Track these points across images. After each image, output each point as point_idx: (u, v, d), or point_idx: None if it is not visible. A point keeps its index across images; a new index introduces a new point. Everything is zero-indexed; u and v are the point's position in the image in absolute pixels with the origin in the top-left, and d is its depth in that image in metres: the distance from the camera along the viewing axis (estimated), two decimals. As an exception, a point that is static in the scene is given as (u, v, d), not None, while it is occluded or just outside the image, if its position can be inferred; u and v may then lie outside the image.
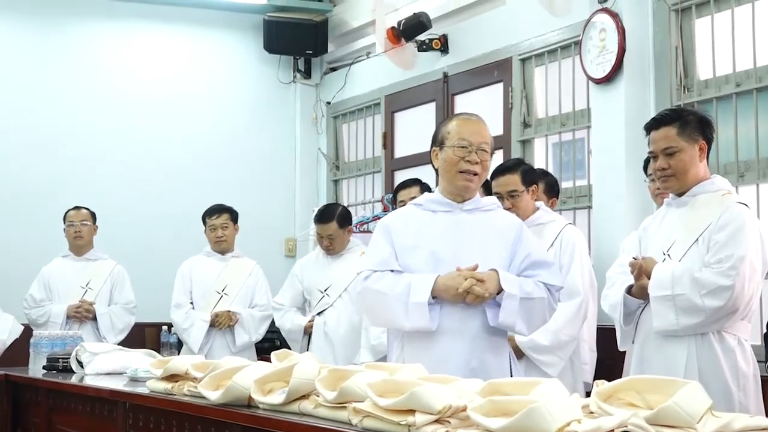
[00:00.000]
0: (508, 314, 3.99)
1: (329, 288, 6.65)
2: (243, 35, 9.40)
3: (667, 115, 4.41)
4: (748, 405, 4.17)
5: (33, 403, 5.58)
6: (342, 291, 6.58)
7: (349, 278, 6.46)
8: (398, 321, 4.02)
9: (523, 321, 4.04)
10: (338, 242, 6.65)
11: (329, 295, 6.64)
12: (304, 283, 6.81)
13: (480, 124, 4.14)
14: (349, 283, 6.40)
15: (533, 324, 4.13)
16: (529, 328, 4.12)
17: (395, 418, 2.76)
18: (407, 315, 3.97)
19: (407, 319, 3.98)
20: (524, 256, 4.14)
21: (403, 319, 3.98)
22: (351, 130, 9.35)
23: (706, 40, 5.97)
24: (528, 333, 4.19)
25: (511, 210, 5.27)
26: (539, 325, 4.22)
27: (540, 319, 4.17)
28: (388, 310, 4.02)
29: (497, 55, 7.38)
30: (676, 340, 4.28)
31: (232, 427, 3.55)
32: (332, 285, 6.64)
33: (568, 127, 6.83)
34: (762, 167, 5.61)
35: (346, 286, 6.49)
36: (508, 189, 5.43)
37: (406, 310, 3.97)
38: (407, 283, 4.00)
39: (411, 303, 3.96)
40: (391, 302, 4.00)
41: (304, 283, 6.82)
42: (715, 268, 4.18)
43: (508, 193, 5.42)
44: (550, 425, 2.31)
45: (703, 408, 2.42)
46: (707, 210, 4.28)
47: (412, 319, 3.97)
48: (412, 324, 3.98)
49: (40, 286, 7.48)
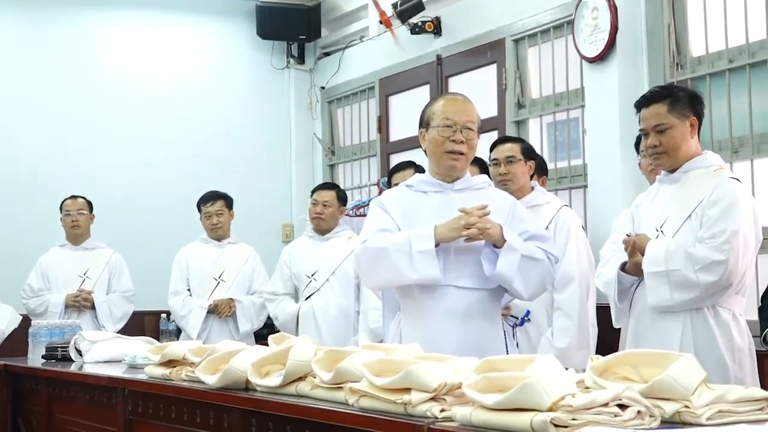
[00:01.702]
0: (507, 265, 3.93)
1: (316, 273, 6.71)
2: (236, 22, 9.38)
3: (657, 92, 4.42)
4: (743, 379, 4.18)
5: (33, 393, 5.59)
6: (329, 275, 6.63)
7: (335, 262, 6.54)
8: (403, 273, 3.92)
9: (521, 280, 3.98)
10: (330, 214, 6.75)
11: (316, 279, 6.70)
12: (293, 269, 6.86)
13: (465, 103, 4.12)
14: (336, 267, 6.47)
15: (531, 286, 4.05)
16: (526, 290, 4.04)
17: (391, 397, 2.77)
18: (413, 265, 3.89)
19: (414, 270, 3.89)
20: (522, 231, 4.12)
21: (409, 270, 3.90)
22: (346, 114, 9.34)
23: (698, 17, 5.97)
24: (525, 295, 4.08)
25: (506, 176, 5.32)
26: (537, 289, 4.13)
27: (539, 283, 4.10)
28: (391, 263, 3.93)
29: (490, 37, 7.37)
30: (671, 315, 4.29)
31: (231, 410, 3.57)
32: (319, 270, 6.69)
33: (562, 106, 6.83)
34: (756, 143, 5.62)
35: (333, 270, 6.55)
36: (507, 155, 5.44)
37: (410, 260, 3.89)
38: (407, 236, 3.95)
39: (415, 252, 3.89)
40: (393, 255, 3.92)
41: (292, 268, 6.87)
42: (709, 243, 4.19)
43: (506, 158, 5.44)
44: (544, 400, 2.32)
45: (698, 380, 2.43)
46: (699, 186, 4.29)
47: (419, 269, 3.89)
48: (419, 274, 3.90)
49: (38, 276, 7.48)
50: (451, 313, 3.98)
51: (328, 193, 6.78)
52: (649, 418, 2.36)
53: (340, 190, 6.93)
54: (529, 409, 2.34)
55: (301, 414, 3.15)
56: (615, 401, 2.36)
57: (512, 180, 5.38)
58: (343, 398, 2.99)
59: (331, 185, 6.98)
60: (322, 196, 6.77)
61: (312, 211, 6.84)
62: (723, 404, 2.44)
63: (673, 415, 2.39)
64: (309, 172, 9.54)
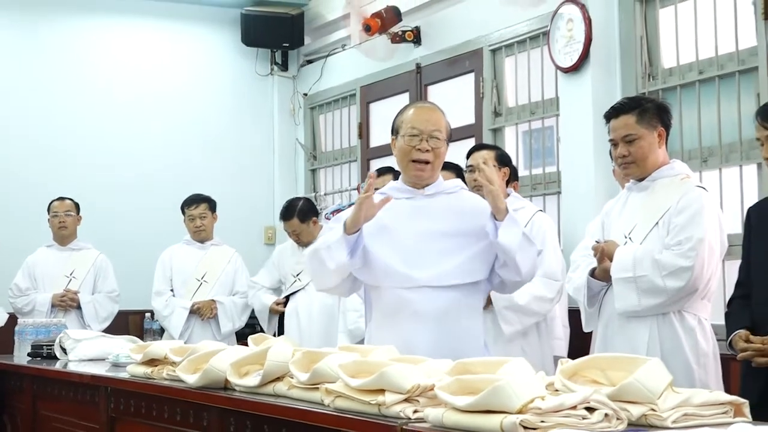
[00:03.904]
0: (510, 236, 3.78)
1: (301, 273, 6.76)
2: (221, 29, 9.36)
3: (626, 103, 4.43)
4: (708, 382, 4.20)
5: (18, 390, 5.58)
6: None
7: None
8: (326, 266, 3.84)
9: (521, 256, 3.82)
10: (304, 235, 6.79)
11: (301, 279, 6.76)
12: (280, 270, 6.93)
13: (433, 111, 4.03)
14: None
15: (528, 264, 3.89)
16: (525, 266, 3.87)
17: (366, 398, 2.77)
18: (330, 256, 3.81)
19: (331, 260, 3.81)
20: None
21: (330, 262, 3.82)
22: (327, 120, 9.33)
23: (669, 30, 5.98)
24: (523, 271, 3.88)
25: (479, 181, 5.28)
26: (531, 270, 3.96)
27: (533, 265, 3.94)
28: (319, 261, 3.86)
29: (468, 46, 7.38)
30: (639, 320, 4.31)
31: (210, 409, 3.57)
32: (304, 270, 6.73)
33: (537, 115, 6.84)
34: (724, 152, 5.63)
35: None
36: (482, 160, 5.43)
37: (329, 252, 3.82)
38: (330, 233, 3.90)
39: (331, 243, 3.82)
40: (318, 254, 3.86)
41: (280, 270, 6.93)
42: (675, 249, 4.21)
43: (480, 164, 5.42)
44: (514, 402, 2.32)
45: (664, 384, 2.44)
46: (667, 194, 4.31)
47: (334, 257, 3.81)
48: (335, 261, 3.81)
49: (24, 276, 7.46)
50: (424, 313, 3.91)
51: (291, 223, 6.81)
52: (616, 421, 2.36)
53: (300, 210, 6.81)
54: (499, 411, 2.34)
55: (278, 413, 3.15)
56: (583, 404, 2.36)
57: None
58: (319, 399, 2.99)
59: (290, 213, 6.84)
60: (289, 227, 6.85)
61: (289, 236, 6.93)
62: (688, 408, 2.44)
63: (639, 418, 2.40)
64: (291, 176, 9.54)
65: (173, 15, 9.20)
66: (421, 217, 3.97)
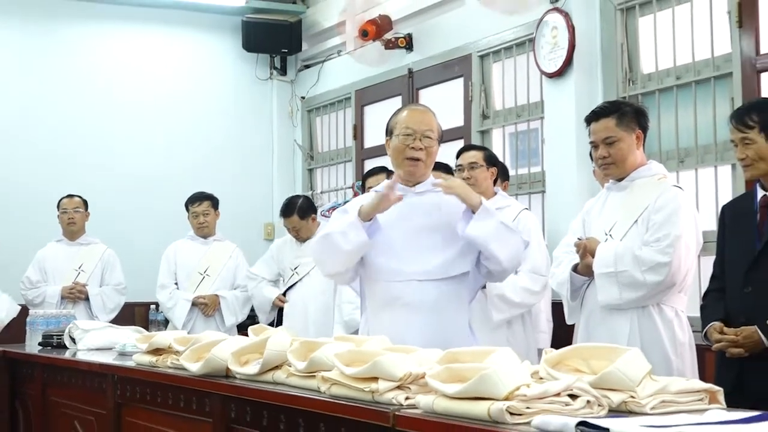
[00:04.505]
0: (481, 227, 3.82)
1: (298, 267, 6.76)
2: (223, 35, 9.35)
3: (605, 107, 4.44)
4: (684, 371, 4.20)
5: (29, 377, 5.56)
6: (310, 269, 6.63)
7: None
8: (340, 248, 3.87)
9: (498, 244, 3.84)
10: (303, 231, 6.75)
11: (298, 273, 6.75)
12: (279, 264, 6.90)
13: (425, 113, 4.07)
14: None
15: (509, 250, 3.88)
16: (504, 254, 3.87)
17: (360, 386, 2.77)
18: (345, 238, 3.85)
19: (347, 242, 3.86)
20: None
21: (344, 243, 3.86)
22: (324, 122, 9.33)
23: (648, 37, 5.98)
24: (503, 258, 3.88)
25: (469, 180, 5.27)
26: (515, 256, 3.95)
27: (516, 251, 3.93)
28: (331, 244, 3.90)
29: (458, 52, 7.37)
30: (619, 312, 4.31)
31: (212, 396, 3.56)
32: (301, 264, 6.73)
33: (523, 118, 6.83)
34: (700, 153, 5.63)
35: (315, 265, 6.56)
36: (470, 161, 5.43)
37: (343, 235, 3.86)
38: (341, 219, 3.95)
39: (346, 226, 3.87)
40: (332, 236, 3.89)
41: (279, 264, 6.90)
42: (654, 246, 4.22)
43: (469, 164, 5.42)
44: (501, 390, 2.32)
45: (643, 372, 2.44)
46: (645, 193, 4.31)
47: (350, 239, 3.85)
48: (351, 244, 3.86)
49: (35, 269, 7.45)
50: (414, 305, 3.92)
51: (291, 220, 6.73)
52: (598, 408, 2.35)
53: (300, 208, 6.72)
54: (486, 398, 2.34)
55: (276, 400, 3.14)
56: (566, 391, 2.35)
57: (475, 184, 5.35)
58: (316, 386, 2.98)
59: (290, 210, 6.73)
60: (289, 223, 6.77)
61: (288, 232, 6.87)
62: (666, 395, 2.44)
63: (619, 405, 2.39)
64: (290, 175, 9.54)
65: (178, 22, 9.19)
66: (411, 214, 3.99)
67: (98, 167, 8.77)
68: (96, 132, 8.84)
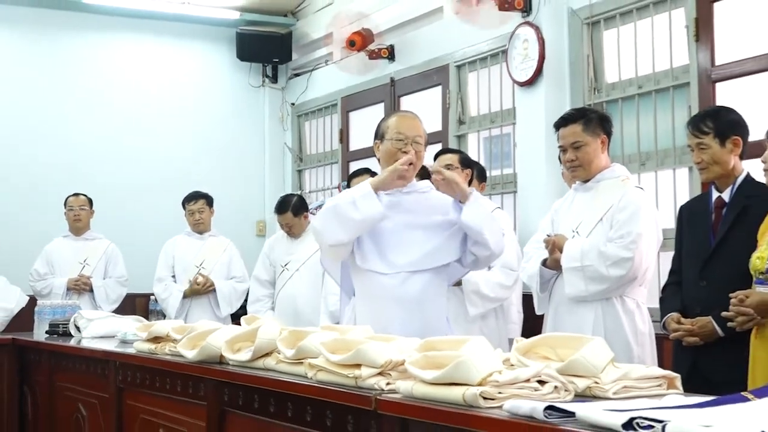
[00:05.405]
0: (475, 214, 3.81)
1: (289, 263, 6.72)
2: (218, 46, 9.34)
3: (573, 114, 4.44)
4: (645, 359, 4.21)
5: (37, 363, 5.53)
6: (300, 265, 6.62)
7: (306, 255, 6.52)
8: (350, 217, 3.81)
9: (489, 232, 3.83)
10: (296, 228, 6.71)
11: (288, 269, 6.71)
12: (270, 259, 6.87)
13: (415, 119, 4.08)
14: (306, 259, 6.48)
15: (496, 239, 3.88)
16: (492, 240, 3.86)
17: (344, 372, 2.75)
18: (357, 208, 3.80)
19: (358, 212, 3.80)
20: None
21: (354, 213, 3.80)
22: (312, 127, 9.32)
23: (612, 49, 5.99)
24: (492, 244, 3.86)
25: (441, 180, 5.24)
26: (498, 240, 3.93)
27: (497, 240, 3.91)
28: (338, 214, 3.83)
29: (436, 63, 7.37)
30: (585, 304, 4.32)
31: (207, 381, 3.55)
32: (291, 261, 6.70)
33: (496, 123, 6.83)
34: (660, 157, 5.64)
35: (304, 261, 6.56)
36: (446, 163, 5.40)
37: (354, 205, 3.81)
38: (349, 192, 3.92)
39: (357, 198, 3.82)
40: (340, 207, 3.83)
41: (270, 259, 6.87)
42: (618, 242, 4.23)
43: (445, 167, 5.37)
44: (474, 376, 2.31)
45: (606, 360, 2.44)
46: (609, 194, 4.32)
47: (362, 209, 3.80)
48: (363, 213, 3.81)
49: (43, 262, 7.41)
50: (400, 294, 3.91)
51: (286, 216, 6.63)
52: (564, 393, 2.35)
53: (294, 205, 6.65)
54: (461, 383, 2.33)
55: (267, 385, 3.13)
56: (535, 378, 2.35)
57: None
58: (303, 372, 2.97)
59: (285, 207, 6.66)
60: (283, 219, 6.68)
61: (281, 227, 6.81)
62: (627, 381, 2.44)
63: (584, 390, 2.39)
64: (280, 176, 9.53)
65: (176, 33, 9.17)
66: (399, 211, 3.98)
67: (103, 168, 8.76)
68: (102, 137, 8.81)
